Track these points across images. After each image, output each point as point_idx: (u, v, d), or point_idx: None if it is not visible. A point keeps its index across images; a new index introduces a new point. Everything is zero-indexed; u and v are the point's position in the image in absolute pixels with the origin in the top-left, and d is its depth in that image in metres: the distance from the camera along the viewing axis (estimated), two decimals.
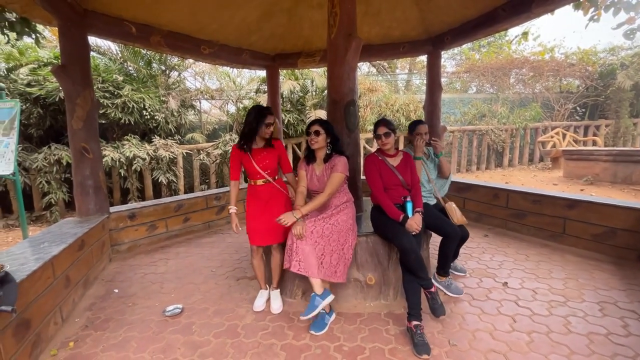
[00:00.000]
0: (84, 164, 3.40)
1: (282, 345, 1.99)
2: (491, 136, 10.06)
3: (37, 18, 3.32)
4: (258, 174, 2.33)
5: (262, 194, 2.37)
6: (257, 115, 2.27)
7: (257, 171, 2.32)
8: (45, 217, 6.43)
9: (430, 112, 4.99)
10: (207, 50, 4.48)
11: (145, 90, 6.84)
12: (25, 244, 2.44)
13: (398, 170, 2.34)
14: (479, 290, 2.59)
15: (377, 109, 9.12)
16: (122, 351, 1.98)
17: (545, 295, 2.47)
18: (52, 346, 2.03)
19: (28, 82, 6.39)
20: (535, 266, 3.00)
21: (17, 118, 4.81)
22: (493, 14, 3.88)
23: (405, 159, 2.41)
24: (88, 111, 3.35)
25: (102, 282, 3.00)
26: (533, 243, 3.59)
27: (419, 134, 2.63)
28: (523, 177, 8.75)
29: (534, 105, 10.77)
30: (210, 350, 1.96)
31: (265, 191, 2.37)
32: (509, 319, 2.18)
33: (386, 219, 2.27)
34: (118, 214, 3.70)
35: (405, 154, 2.44)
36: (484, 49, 13.30)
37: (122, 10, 3.50)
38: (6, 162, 4.64)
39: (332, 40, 2.83)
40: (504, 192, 4.08)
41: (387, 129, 2.32)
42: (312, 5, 4.19)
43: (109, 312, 2.44)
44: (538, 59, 11.42)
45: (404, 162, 2.39)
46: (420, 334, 1.93)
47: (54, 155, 6.10)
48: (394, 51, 5.11)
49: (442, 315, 2.14)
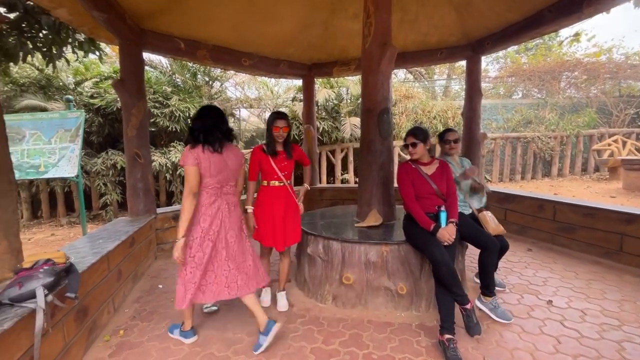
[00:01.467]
0: (136, 168, 3.71)
1: (311, 348, 2.03)
2: (538, 144, 9.43)
3: (101, 38, 3.72)
4: (275, 174, 2.39)
5: (277, 196, 2.41)
6: (269, 119, 2.40)
7: (274, 171, 2.38)
8: (102, 216, 7.07)
9: (469, 119, 4.82)
10: (247, 62, 4.73)
11: (190, 100, 7.33)
12: (85, 240, 2.72)
13: (432, 179, 2.30)
14: (519, 307, 2.45)
15: (413, 116, 8.95)
16: (165, 342, 2.13)
17: (597, 317, 2.27)
18: (105, 332, 2.24)
19: (91, 94, 7.14)
20: (585, 285, 2.77)
21: (82, 127, 5.39)
22: (538, 16, 3.70)
23: (442, 167, 2.35)
24: (141, 120, 3.67)
25: (148, 277, 3.24)
26: (583, 260, 3.31)
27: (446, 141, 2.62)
28: (575, 189, 8.08)
29: (588, 111, 9.95)
30: (243, 347, 2.05)
31: (281, 193, 2.42)
32: (552, 340, 2.03)
33: (418, 229, 2.24)
34: (164, 214, 3.98)
35: (441, 163, 2.38)
36: (530, 52, 12.57)
37: (173, 28, 3.83)
38: (71, 166, 5.20)
39: (367, 50, 2.87)
40: (551, 203, 3.82)
41: (414, 139, 2.29)
42: (348, 16, 4.27)
43: (154, 306, 2.63)
44: (593, 61, 10.56)
45: (439, 171, 2.34)
46: (453, 349, 1.87)
47: (110, 159, 6.72)
48: (431, 57, 5.03)
49: (477, 335, 2.05)
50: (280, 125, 2.34)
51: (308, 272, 2.71)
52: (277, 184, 2.41)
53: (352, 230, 2.74)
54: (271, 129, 2.36)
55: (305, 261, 2.74)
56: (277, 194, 2.42)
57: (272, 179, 2.41)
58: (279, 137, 2.37)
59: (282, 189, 2.43)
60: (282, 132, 2.36)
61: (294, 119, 8.09)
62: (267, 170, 2.40)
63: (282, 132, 2.35)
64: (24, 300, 1.51)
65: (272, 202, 2.41)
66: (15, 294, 1.49)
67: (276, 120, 2.34)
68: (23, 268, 1.68)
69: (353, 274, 2.45)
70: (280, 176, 2.39)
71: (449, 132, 2.64)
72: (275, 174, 2.39)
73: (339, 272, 2.50)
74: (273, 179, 2.41)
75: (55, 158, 5.30)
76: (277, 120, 2.34)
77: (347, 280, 2.47)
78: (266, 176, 2.43)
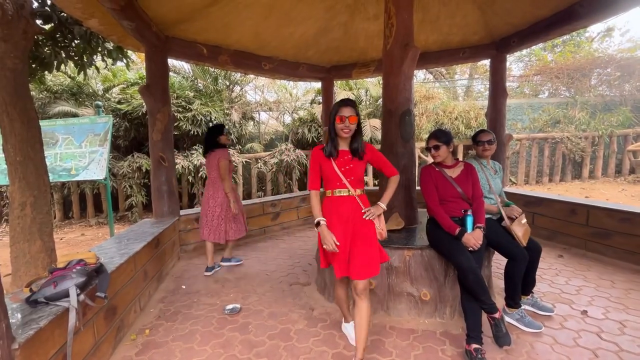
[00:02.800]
0: (161, 171, 3.82)
1: (333, 353, 2.00)
2: (567, 144, 9.01)
3: (129, 46, 3.86)
4: (338, 181, 1.86)
5: (343, 209, 1.86)
6: (332, 109, 1.86)
7: (337, 177, 1.86)
8: (127, 217, 7.34)
9: (493, 120, 4.67)
10: (267, 66, 4.78)
11: (212, 104, 7.50)
12: (113, 241, 2.82)
13: (457, 181, 2.23)
14: (552, 317, 2.33)
15: (434, 117, 8.77)
16: (189, 342, 2.17)
17: (637, 329, 2.13)
18: (132, 331, 2.30)
19: (119, 100, 7.44)
20: (623, 295, 2.60)
21: (110, 131, 5.61)
22: (569, 12, 3.54)
23: (467, 170, 2.28)
24: (166, 125, 3.78)
25: (172, 277, 3.32)
26: (620, 268, 3.12)
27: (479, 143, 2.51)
28: (608, 191, 7.65)
29: (622, 109, 9.40)
30: (264, 350, 2.06)
31: (347, 205, 1.86)
32: (589, 353, 1.92)
33: (442, 234, 2.18)
34: (187, 216, 4.08)
35: (466, 165, 2.31)
36: (558, 49, 12.05)
37: (197, 34, 3.93)
38: (100, 169, 5.42)
39: (388, 51, 2.83)
40: (584, 207, 3.63)
41: (437, 141, 2.23)
42: (368, 18, 4.24)
43: (178, 306, 2.69)
44: (627, 56, 9.99)
45: (464, 174, 2.26)
46: (480, 359, 1.80)
47: (136, 162, 6.97)
48: (453, 57, 4.92)
49: (506, 346, 1.97)
50: (347, 114, 1.78)
51: (329, 276, 2.69)
52: (344, 194, 1.87)
53: None
54: (334, 121, 1.81)
55: None
56: (342, 207, 1.87)
57: (336, 186, 1.88)
58: (344, 130, 1.79)
59: (348, 200, 1.87)
60: (349, 124, 1.79)
61: (313, 121, 8.11)
62: (328, 176, 1.88)
63: (348, 123, 1.78)
64: (58, 299, 1.57)
65: (337, 217, 1.86)
66: (50, 293, 1.56)
67: (341, 109, 1.79)
68: (57, 268, 1.75)
69: (375, 279, 2.41)
70: (345, 183, 1.85)
71: (482, 133, 2.52)
72: (338, 180, 1.86)
73: None
74: (336, 186, 1.87)
75: (85, 161, 5.54)
76: (342, 109, 1.79)
77: (369, 285, 2.42)
78: (328, 183, 1.91)
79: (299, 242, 4.43)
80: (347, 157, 1.88)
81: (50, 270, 1.74)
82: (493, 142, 2.49)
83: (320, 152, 1.90)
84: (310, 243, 4.33)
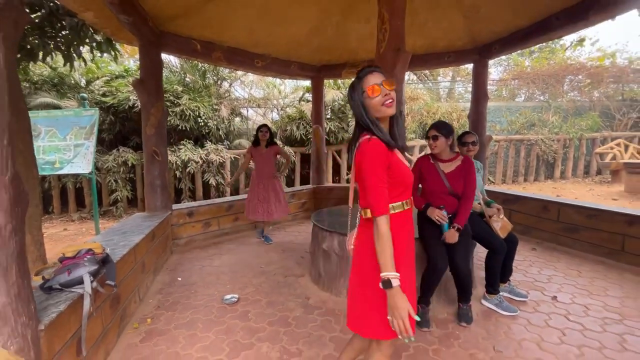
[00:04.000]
0: (154, 166, 3.84)
1: (330, 336, 2.15)
2: (541, 146, 9.54)
3: (122, 39, 3.83)
4: (412, 183, 1.35)
5: (410, 229, 1.38)
6: (355, 84, 1.33)
7: (410, 175, 1.34)
8: (112, 212, 7.20)
9: (475, 122, 4.94)
10: (260, 63, 4.85)
11: (200, 99, 7.45)
12: (111, 233, 2.85)
13: (448, 177, 2.31)
14: (525, 302, 2.57)
15: (419, 117, 9.07)
16: (191, 330, 2.26)
17: (599, 312, 2.39)
18: (134, 320, 2.37)
19: (103, 93, 7.27)
20: (588, 283, 2.89)
21: (96, 124, 5.52)
22: (546, 23, 3.82)
23: (464, 165, 2.31)
24: (159, 119, 3.80)
25: (166, 270, 3.37)
26: (587, 259, 3.43)
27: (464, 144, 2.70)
28: (577, 191, 8.19)
29: (591, 115, 10.05)
30: (265, 335, 2.18)
31: (412, 224, 1.40)
32: (558, 332, 2.16)
33: (427, 230, 2.33)
34: (179, 211, 4.11)
35: (465, 160, 2.34)
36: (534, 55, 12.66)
37: (191, 30, 3.95)
38: (86, 163, 5.32)
39: (381, 55, 2.98)
40: (555, 205, 3.94)
41: (436, 132, 2.26)
42: (359, 20, 4.39)
43: (176, 297, 2.76)
44: (596, 65, 10.66)
45: (459, 169, 2.31)
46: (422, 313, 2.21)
47: (121, 157, 6.85)
48: (439, 61, 5.15)
49: (464, 323, 2.25)
50: (378, 81, 1.27)
51: (323, 267, 2.83)
52: (409, 206, 1.35)
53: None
54: (364, 100, 1.30)
55: (320, 256, 2.86)
56: (410, 225, 1.37)
57: (407, 195, 1.35)
58: (387, 101, 1.27)
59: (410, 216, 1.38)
60: (388, 90, 1.27)
61: (301, 119, 8.21)
62: (399, 177, 1.28)
63: (386, 89, 1.27)
64: (72, 285, 1.63)
65: (408, 248, 1.34)
66: (65, 280, 1.62)
67: (367, 78, 1.30)
68: (67, 257, 1.80)
69: None
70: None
71: (467, 135, 2.64)
72: (412, 180, 1.35)
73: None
74: (408, 194, 1.35)
75: (70, 155, 5.42)
76: (368, 77, 1.30)
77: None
78: (398, 189, 1.30)
79: (289, 236, 4.55)
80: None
81: (61, 259, 1.79)
82: (476, 143, 2.66)
83: (379, 144, 1.23)
84: (300, 238, 4.46)
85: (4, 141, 1.14)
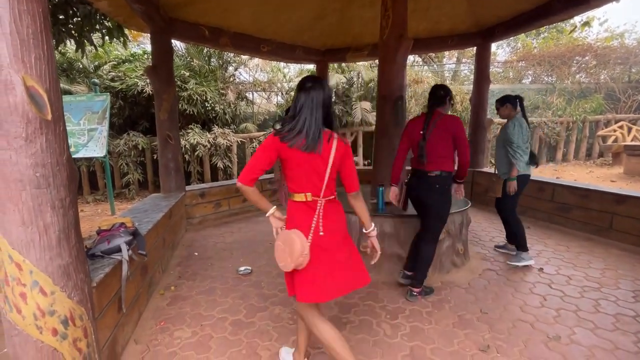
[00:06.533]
0: (168, 149, 4.05)
1: (335, 301, 2.41)
2: (544, 129, 9.59)
3: (133, 26, 3.97)
4: None
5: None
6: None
7: None
8: (124, 194, 7.49)
9: (476, 105, 5.06)
10: (265, 48, 4.96)
11: (207, 84, 7.57)
12: (134, 211, 3.10)
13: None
14: (514, 274, 2.80)
15: (422, 101, 9.11)
16: (211, 296, 2.53)
17: (580, 281, 2.63)
18: (159, 288, 2.65)
19: (112, 78, 7.42)
20: (574, 257, 3.11)
21: (108, 109, 5.71)
22: (548, 6, 3.88)
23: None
24: (171, 104, 3.98)
25: (183, 246, 3.65)
26: (576, 236, 3.64)
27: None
28: (577, 173, 8.31)
29: (596, 97, 10.01)
30: (278, 300, 2.44)
31: None
32: (539, 298, 2.40)
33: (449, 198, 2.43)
34: (192, 192, 4.35)
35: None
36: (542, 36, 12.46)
37: (199, 17, 4.07)
38: (100, 146, 5.56)
39: (384, 41, 3.11)
40: (550, 185, 4.12)
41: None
42: (363, 4, 4.45)
43: (195, 269, 3.03)
44: (604, 46, 10.51)
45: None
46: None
47: (132, 141, 7.07)
48: (442, 44, 5.22)
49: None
50: None
51: None
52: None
53: (368, 206, 3.08)
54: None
55: None
56: None
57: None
58: None
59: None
60: None
61: None
62: None
63: None
64: (111, 253, 1.88)
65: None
66: (105, 248, 1.86)
67: None
68: (103, 229, 2.05)
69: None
70: None
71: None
72: None
73: (357, 241, 2.86)
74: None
75: (84, 139, 5.65)
76: None
77: (364, 248, 2.83)
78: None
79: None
80: None
81: (98, 231, 2.04)
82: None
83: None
84: None
85: (61, 127, 1.34)
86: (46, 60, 1.25)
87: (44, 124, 1.23)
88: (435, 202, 2.37)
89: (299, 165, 1.45)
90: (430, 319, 2.18)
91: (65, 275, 1.34)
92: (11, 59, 1.15)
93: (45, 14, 1.26)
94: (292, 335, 2.03)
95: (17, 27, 1.15)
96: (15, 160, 1.19)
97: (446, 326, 2.09)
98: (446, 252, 2.79)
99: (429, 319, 2.18)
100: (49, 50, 1.27)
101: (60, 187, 1.32)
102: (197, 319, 2.21)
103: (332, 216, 1.52)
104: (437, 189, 2.35)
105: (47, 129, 1.25)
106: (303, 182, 1.48)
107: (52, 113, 1.26)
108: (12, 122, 1.17)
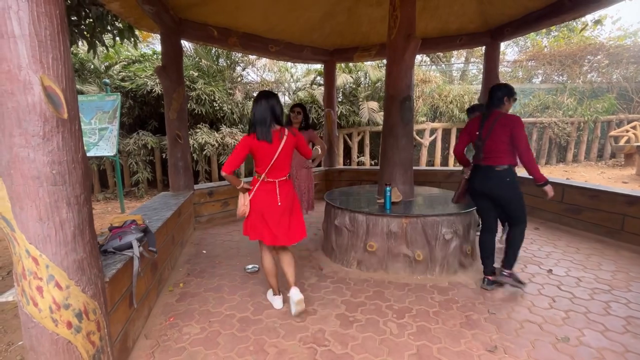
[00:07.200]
0: (177, 148, 4.10)
1: (342, 300, 2.42)
2: (554, 129, 9.45)
3: (143, 27, 4.03)
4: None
5: None
6: None
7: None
8: (134, 193, 7.61)
9: None
10: (274, 48, 4.99)
11: (215, 84, 7.64)
12: (144, 209, 3.15)
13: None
14: (522, 275, 2.77)
15: (430, 100, 9.07)
16: (219, 293, 2.56)
17: (590, 283, 2.59)
18: (168, 284, 2.69)
19: (122, 78, 7.53)
20: (584, 258, 3.07)
21: (119, 109, 5.80)
22: (558, 5, 3.83)
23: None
24: (181, 104, 4.03)
25: (192, 244, 3.69)
26: (587, 238, 3.59)
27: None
28: (588, 174, 8.18)
29: (608, 97, 9.82)
30: (285, 298, 2.46)
31: None
32: (548, 299, 2.37)
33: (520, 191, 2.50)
34: (200, 190, 4.40)
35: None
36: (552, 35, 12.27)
37: (208, 17, 4.11)
38: (111, 146, 5.66)
39: (392, 41, 3.11)
40: (559, 186, 4.06)
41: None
42: (371, 3, 4.44)
43: (203, 266, 3.07)
44: (616, 45, 10.31)
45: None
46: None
47: (141, 140, 7.17)
48: (450, 44, 5.19)
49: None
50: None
51: (335, 241, 3.09)
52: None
53: (374, 205, 3.09)
54: None
55: (333, 231, 3.12)
56: None
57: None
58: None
59: None
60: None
61: (313, 102, 8.33)
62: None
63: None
64: (123, 249, 1.92)
65: None
66: (117, 245, 1.90)
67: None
68: (115, 226, 2.09)
69: (376, 242, 2.82)
70: None
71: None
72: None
73: (364, 240, 2.87)
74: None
75: (95, 138, 5.76)
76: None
77: (370, 247, 2.84)
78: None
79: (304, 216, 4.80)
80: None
81: (110, 228, 2.09)
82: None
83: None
84: (313, 216, 4.71)
85: (76, 125, 1.38)
86: (63, 61, 1.28)
87: (60, 123, 1.27)
88: (513, 195, 2.44)
89: (258, 152, 2.13)
90: (437, 318, 2.18)
91: (79, 269, 1.38)
92: (30, 60, 1.19)
93: (62, 16, 1.29)
94: (298, 332, 2.05)
95: (35, 29, 1.19)
96: (33, 158, 1.23)
97: (453, 326, 2.08)
98: (454, 252, 2.78)
99: (435, 318, 2.18)
100: (66, 51, 1.30)
101: (76, 184, 1.36)
102: (205, 316, 2.25)
103: (284, 189, 2.25)
104: (508, 182, 2.41)
105: (64, 127, 1.29)
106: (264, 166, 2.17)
107: (68, 112, 1.30)
108: (30, 121, 1.21)
